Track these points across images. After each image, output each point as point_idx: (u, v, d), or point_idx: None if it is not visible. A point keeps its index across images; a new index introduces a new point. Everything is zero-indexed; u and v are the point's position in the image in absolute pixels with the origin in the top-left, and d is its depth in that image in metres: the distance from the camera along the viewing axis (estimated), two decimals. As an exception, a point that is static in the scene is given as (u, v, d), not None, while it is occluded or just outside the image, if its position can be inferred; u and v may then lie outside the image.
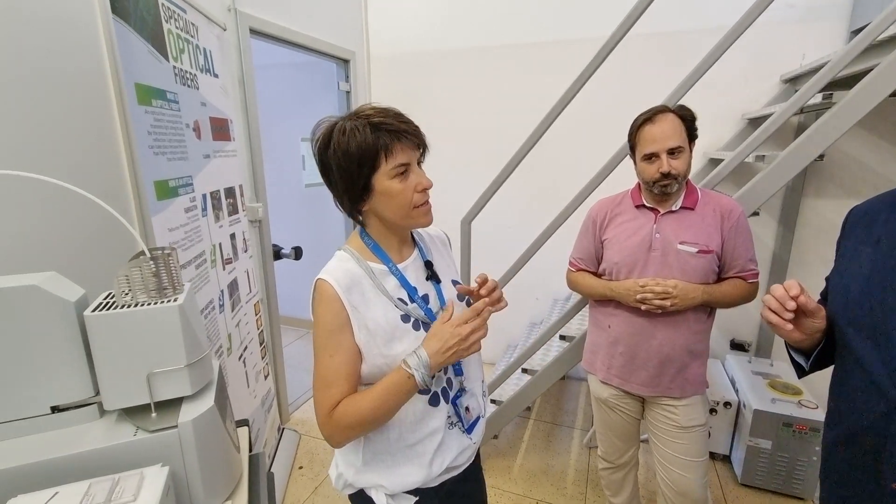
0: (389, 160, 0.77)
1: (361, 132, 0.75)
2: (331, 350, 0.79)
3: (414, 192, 0.79)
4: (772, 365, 2.31)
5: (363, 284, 0.82)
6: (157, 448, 0.83)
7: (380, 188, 0.78)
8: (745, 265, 1.25)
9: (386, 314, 0.82)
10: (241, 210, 1.84)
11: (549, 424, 2.46)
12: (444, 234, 1.03)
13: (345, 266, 0.83)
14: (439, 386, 0.87)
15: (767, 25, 2.03)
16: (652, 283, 1.20)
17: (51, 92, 1.08)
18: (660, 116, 1.17)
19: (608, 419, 1.46)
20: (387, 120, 0.77)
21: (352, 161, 0.76)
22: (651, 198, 1.28)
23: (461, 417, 0.90)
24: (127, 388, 0.84)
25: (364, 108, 0.80)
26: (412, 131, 0.78)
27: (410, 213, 0.81)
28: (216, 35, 1.69)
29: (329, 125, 0.80)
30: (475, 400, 0.93)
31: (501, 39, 2.63)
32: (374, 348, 0.81)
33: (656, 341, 1.27)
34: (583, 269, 1.43)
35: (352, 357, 0.80)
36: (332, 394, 0.79)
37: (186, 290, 0.91)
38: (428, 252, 0.94)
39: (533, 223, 2.03)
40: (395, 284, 0.85)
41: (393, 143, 0.76)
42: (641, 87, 2.30)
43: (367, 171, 0.77)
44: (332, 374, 0.79)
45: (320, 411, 0.79)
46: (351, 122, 0.77)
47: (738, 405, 2.09)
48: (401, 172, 0.78)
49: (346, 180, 0.78)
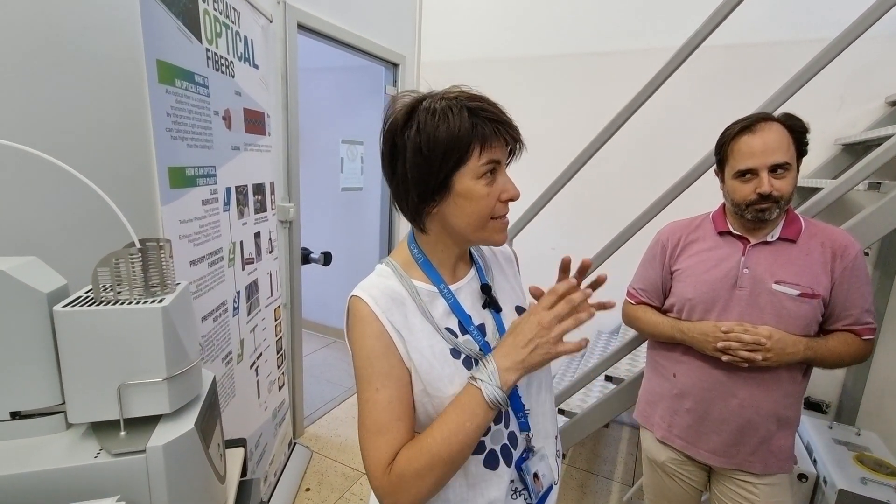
0: (483, 155, 0.62)
1: (456, 115, 0.61)
2: (376, 382, 0.62)
3: (497, 200, 0.65)
4: (858, 434, 1.95)
5: (406, 306, 0.67)
6: (120, 475, 0.70)
7: (460, 188, 0.63)
8: (859, 317, 0.99)
9: (432, 346, 0.65)
10: (271, 209, 1.75)
11: (583, 472, 2.19)
12: (509, 249, 0.86)
13: (385, 283, 0.68)
14: (498, 443, 0.68)
15: (875, 40, 1.76)
16: (739, 329, 0.97)
17: (54, 52, 1.01)
18: (762, 125, 0.95)
19: (662, 486, 1.21)
20: (485, 106, 0.62)
21: (436, 149, 0.61)
22: (740, 224, 1.05)
23: (528, 486, 0.69)
24: (94, 400, 0.71)
25: (458, 89, 0.65)
26: (513, 126, 0.64)
27: (486, 226, 0.66)
28: (261, 25, 1.62)
29: (412, 100, 0.64)
30: (546, 463, 0.73)
31: (558, 49, 2.47)
32: (417, 384, 0.64)
33: (736, 401, 1.03)
34: (644, 303, 1.21)
35: (404, 390, 0.63)
36: (387, 441, 0.60)
37: (179, 291, 0.78)
38: (488, 272, 0.77)
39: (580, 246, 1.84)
40: (445, 310, 0.69)
41: (491, 136, 0.61)
42: (714, 103, 2.09)
43: (453, 164, 0.62)
44: (382, 414, 0.61)
45: (373, 467, 0.61)
46: (443, 102, 0.62)
47: (816, 480, 1.76)
48: (489, 171, 0.63)
49: (422, 171, 0.63)
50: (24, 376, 0.71)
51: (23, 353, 0.70)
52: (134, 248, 0.74)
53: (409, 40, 2.72)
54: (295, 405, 2.24)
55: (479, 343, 0.68)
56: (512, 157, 0.69)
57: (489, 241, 0.68)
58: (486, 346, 0.68)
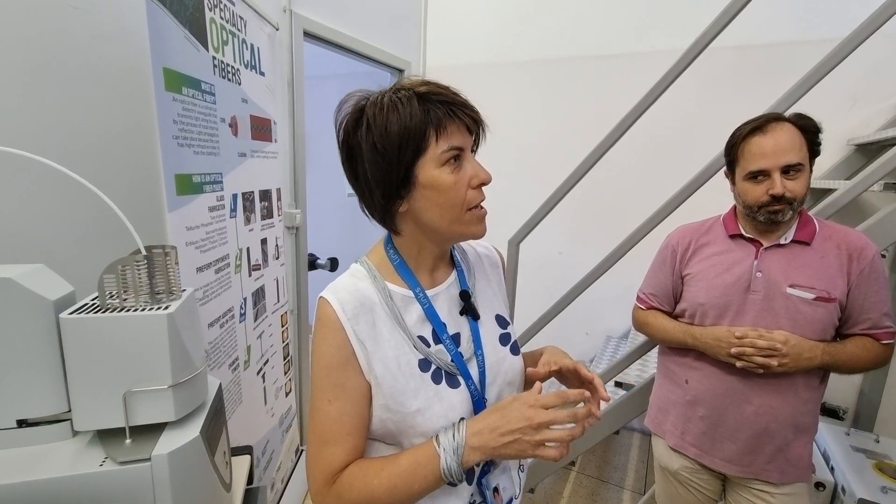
0: (441, 141, 0.59)
1: (405, 105, 0.58)
2: (329, 393, 0.60)
3: (468, 187, 0.61)
4: (877, 441, 1.90)
5: (375, 312, 0.64)
6: (125, 484, 0.69)
7: (424, 179, 0.60)
8: (878, 320, 0.96)
9: (398, 357, 0.62)
10: (277, 215, 1.75)
11: (593, 480, 2.15)
12: (496, 251, 0.82)
13: (357, 285, 0.65)
14: None
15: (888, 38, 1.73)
16: (754, 334, 0.95)
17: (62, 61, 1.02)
18: (774, 126, 0.93)
19: (676, 495, 1.18)
20: (435, 90, 0.60)
21: (391, 143, 0.58)
22: (752, 227, 1.03)
23: (486, 501, 0.67)
24: (100, 407, 0.71)
25: (406, 79, 0.62)
26: (469, 106, 0.61)
27: (462, 217, 0.62)
28: (267, 33, 1.63)
29: (359, 99, 0.62)
30: (508, 476, 0.70)
31: (563, 52, 2.46)
32: (378, 398, 0.62)
33: (751, 408, 1.00)
34: (655, 308, 1.19)
35: (357, 405, 0.61)
36: (332, 454, 0.59)
37: (184, 298, 0.77)
38: (470, 276, 0.74)
39: (586, 250, 1.83)
40: (420, 316, 0.66)
41: (446, 119, 0.58)
42: (722, 105, 2.07)
43: (411, 154, 0.58)
44: (331, 426, 0.60)
45: (314, 477, 0.60)
46: (391, 95, 0.60)
47: (834, 488, 1.71)
48: (453, 158, 0.60)
49: (381, 169, 0.60)
50: (31, 384, 0.71)
51: (30, 361, 0.70)
52: (140, 255, 0.73)
53: (414, 46, 2.73)
54: (302, 411, 2.23)
55: (452, 353, 0.65)
56: (478, 143, 0.65)
57: (467, 233, 0.64)
58: (458, 357, 0.65)
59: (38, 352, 0.70)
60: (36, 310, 0.69)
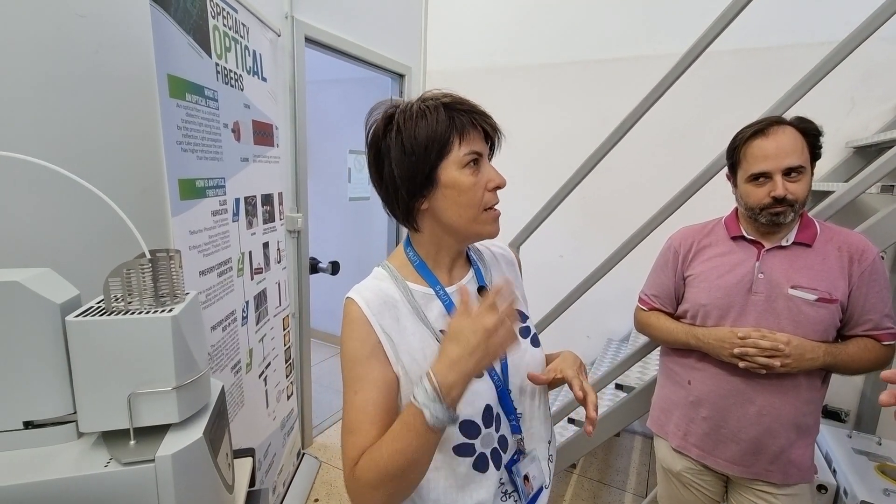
0: (463, 145, 0.65)
1: (433, 113, 0.64)
2: (356, 385, 0.64)
3: (485, 189, 0.67)
4: (879, 443, 1.89)
5: (398, 308, 0.68)
6: (130, 484, 0.70)
7: (446, 180, 0.65)
8: (879, 322, 0.97)
9: (424, 348, 0.67)
10: (279, 219, 1.76)
11: (595, 483, 2.15)
12: (510, 252, 0.86)
13: (379, 285, 0.69)
14: (488, 447, 0.68)
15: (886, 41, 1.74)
16: (756, 335, 0.95)
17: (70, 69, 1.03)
18: (775, 129, 0.94)
19: (678, 496, 1.18)
20: (461, 101, 0.67)
21: (418, 145, 0.64)
22: (754, 228, 1.04)
23: (518, 488, 0.69)
24: (105, 409, 0.72)
25: (429, 92, 0.68)
26: (489, 116, 0.68)
27: (478, 216, 0.67)
28: (269, 39, 1.65)
29: (390, 106, 0.68)
30: (537, 466, 0.73)
31: (563, 56, 2.48)
32: (406, 387, 0.65)
33: (754, 408, 1.00)
34: (657, 309, 1.19)
35: (381, 394, 0.63)
36: (355, 442, 0.61)
37: (188, 301, 0.78)
38: (487, 273, 0.78)
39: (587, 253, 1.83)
40: (441, 312, 0.70)
41: (469, 126, 0.65)
42: (721, 108, 2.08)
43: (435, 157, 0.64)
44: (356, 415, 0.62)
45: (344, 464, 0.63)
46: (419, 105, 0.66)
47: (836, 491, 1.70)
48: (473, 161, 0.65)
49: (408, 168, 0.65)
50: (38, 386, 0.72)
51: (36, 363, 0.71)
52: (144, 259, 0.74)
53: (414, 51, 2.75)
54: (303, 415, 2.24)
55: None
56: (493, 150, 0.71)
57: (482, 232, 0.69)
58: None
59: (45, 354, 0.71)
60: (42, 313, 0.70)
